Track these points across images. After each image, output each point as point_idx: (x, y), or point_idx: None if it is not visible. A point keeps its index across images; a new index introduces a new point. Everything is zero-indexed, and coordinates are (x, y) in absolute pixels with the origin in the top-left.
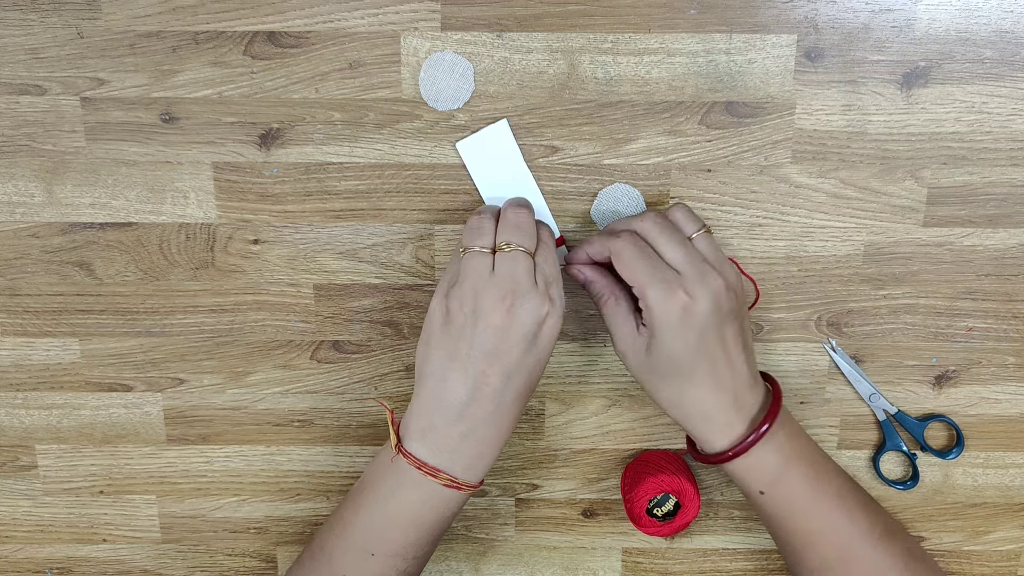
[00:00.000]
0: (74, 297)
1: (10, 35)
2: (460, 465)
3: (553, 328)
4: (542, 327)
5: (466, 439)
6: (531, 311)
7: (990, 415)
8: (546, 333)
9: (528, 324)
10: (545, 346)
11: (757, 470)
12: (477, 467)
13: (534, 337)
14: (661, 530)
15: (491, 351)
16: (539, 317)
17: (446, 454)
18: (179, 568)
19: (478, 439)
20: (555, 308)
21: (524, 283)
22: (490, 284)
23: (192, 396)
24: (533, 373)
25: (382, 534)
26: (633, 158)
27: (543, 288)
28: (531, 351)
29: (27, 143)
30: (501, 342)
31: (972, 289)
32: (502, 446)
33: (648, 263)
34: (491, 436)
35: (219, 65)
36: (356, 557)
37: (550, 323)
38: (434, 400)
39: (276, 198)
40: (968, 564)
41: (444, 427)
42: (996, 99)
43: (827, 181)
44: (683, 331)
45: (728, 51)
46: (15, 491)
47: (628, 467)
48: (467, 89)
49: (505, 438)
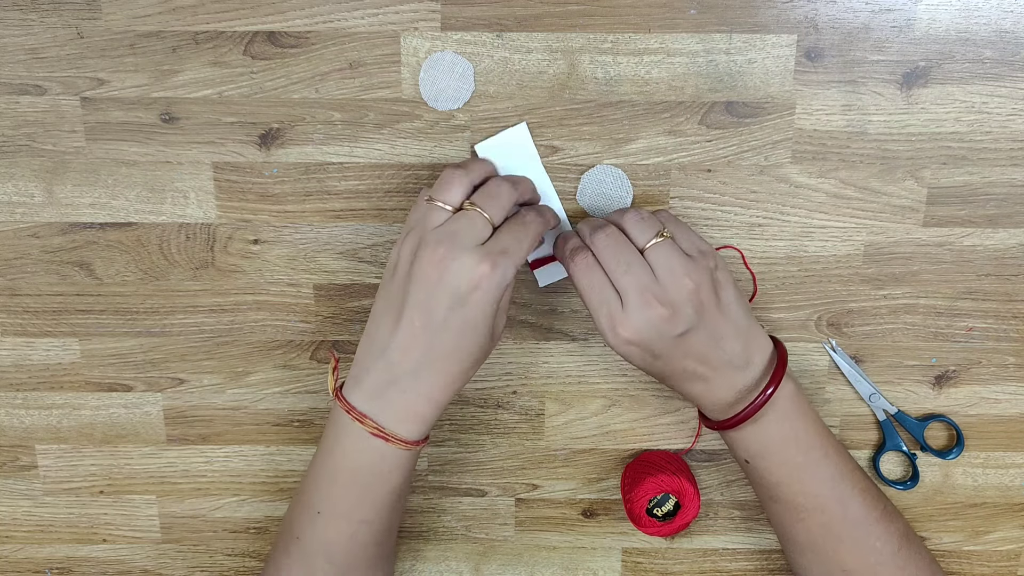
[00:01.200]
0: (74, 297)
1: (10, 35)
2: (388, 415)
3: (486, 293)
4: (474, 290)
5: (392, 387)
6: (462, 269)
7: (990, 415)
8: (477, 297)
9: (457, 282)
10: (475, 310)
11: (744, 439)
12: (407, 422)
13: (463, 297)
14: (661, 530)
15: (420, 302)
16: (472, 278)
17: (375, 401)
18: (179, 568)
19: (404, 391)
20: (493, 274)
21: (465, 241)
22: (433, 236)
23: (192, 396)
24: (463, 336)
25: (326, 489)
26: (633, 158)
27: (488, 252)
28: (457, 310)
29: (27, 143)
30: (429, 295)
31: (972, 289)
32: (436, 408)
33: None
34: (420, 392)
35: (219, 65)
36: (306, 516)
37: (484, 287)
38: (368, 343)
39: (276, 198)
40: (968, 564)
41: (374, 372)
42: (996, 99)
43: (827, 181)
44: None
45: (728, 51)
46: (15, 491)
47: (628, 467)
48: (467, 89)
49: (438, 399)
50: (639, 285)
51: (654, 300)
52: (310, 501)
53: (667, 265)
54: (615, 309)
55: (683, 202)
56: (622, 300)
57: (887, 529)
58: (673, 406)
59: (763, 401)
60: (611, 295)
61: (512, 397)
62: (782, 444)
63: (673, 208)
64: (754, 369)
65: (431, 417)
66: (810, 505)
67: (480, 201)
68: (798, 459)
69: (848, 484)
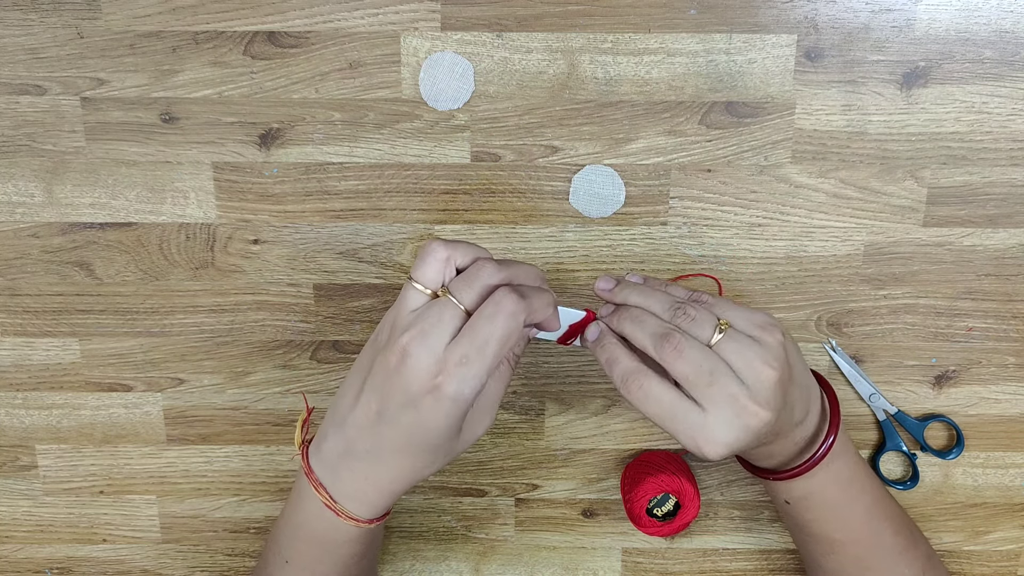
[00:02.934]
0: (74, 297)
1: (10, 35)
2: (341, 491)
3: (440, 404)
4: (425, 395)
5: (345, 463)
6: (417, 370)
7: (990, 415)
8: (429, 404)
9: (409, 381)
10: (428, 416)
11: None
12: (355, 501)
13: (414, 399)
14: (661, 530)
15: (377, 386)
16: (423, 385)
17: (330, 471)
18: (179, 568)
19: (354, 472)
20: (446, 387)
21: (429, 340)
22: (403, 321)
23: (192, 396)
24: (414, 435)
25: (289, 541)
26: (633, 158)
27: (446, 361)
28: (408, 410)
29: (27, 143)
30: (386, 382)
31: (972, 289)
32: (385, 496)
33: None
34: (368, 477)
35: (219, 65)
36: (277, 561)
37: (437, 397)
38: (334, 405)
39: (276, 198)
40: (968, 564)
41: (331, 440)
42: (996, 99)
43: (827, 181)
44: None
45: (728, 51)
46: (15, 491)
47: (628, 467)
48: (467, 89)
49: (387, 489)
50: (727, 395)
51: (752, 404)
52: (279, 548)
53: (745, 362)
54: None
55: (683, 202)
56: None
57: (914, 555)
58: None
59: (825, 453)
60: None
61: (512, 397)
62: (827, 486)
63: (673, 208)
64: (811, 420)
65: (380, 504)
66: (845, 539)
67: (455, 287)
68: (838, 497)
69: (880, 514)
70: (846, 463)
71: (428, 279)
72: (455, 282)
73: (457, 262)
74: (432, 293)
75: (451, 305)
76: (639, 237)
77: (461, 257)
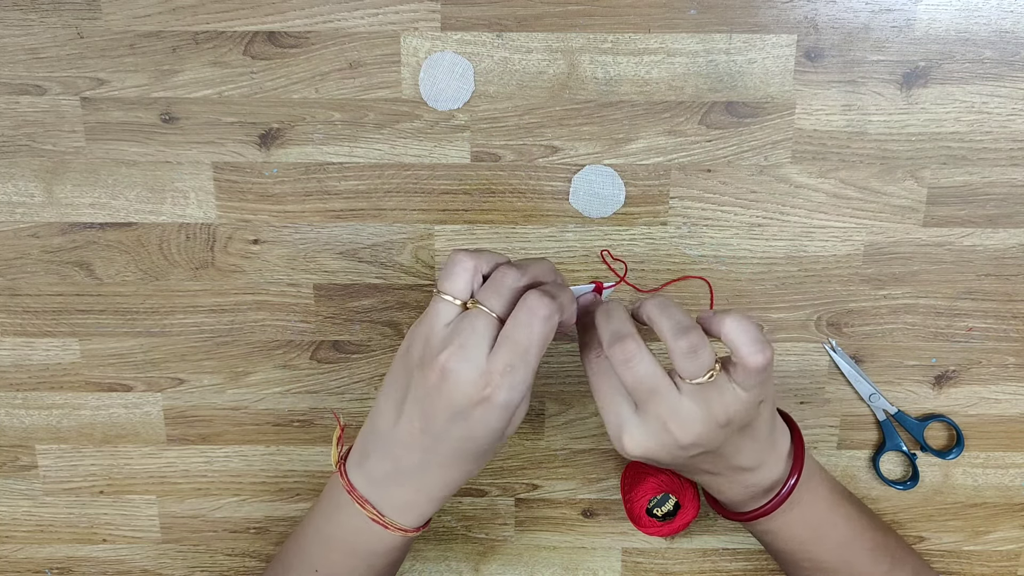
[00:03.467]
0: (74, 297)
1: (10, 35)
2: (388, 504)
3: (490, 413)
4: (475, 407)
5: (393, 480)
6: (463, 385)
7: (990, 415)
8: (479, 414)
9: (458, 399)
10: (478, 426)
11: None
12: (406, 513)
13: (464, 412)
14: (661, 530)
15: (419, 400)
16: (471, 398)
17: (375, 488)
18: (179, 568)
19: (404, 486)
20: (495, 397)
21: (468, 351)
22: (438, 338)
23: (192, 396)
24: (465, 446)
25: (324, 554)
26: (633, 158)
27: (491, 372)
28: (458, 423)
29: (27, 143)
30: (429, 400)
31: (972, 289)
32: (436, 504)
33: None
34: (419, 490)
35: (219, 65)
36: (303, 569)
37: (487, 408)
38: (372, 424)
39: (276, 198)
40: (968, 564)
41: (375, 459)
42: (996, 99)
43: (827, 181)
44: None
45: (728, 51)
46: (15, 491)
47: (628, 467)
48: (467, 89)
49: (438, 497)
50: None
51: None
52: (307, 557)
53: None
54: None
55: (683, 202)
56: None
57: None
58: None
59: (781, 500)
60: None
61: None
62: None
63: (673, 208)
64: (769, 471)
65: (429, 512)
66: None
67: (484, 296)
68: (805, 536)
69: (857, 546)
70: (813, 508)
71: (458, 290)
72: (483, 292)
73: (483, 271)
74: (462, 304)
75: (484, 315)
76: (639, 237)
77: (486, 265)
